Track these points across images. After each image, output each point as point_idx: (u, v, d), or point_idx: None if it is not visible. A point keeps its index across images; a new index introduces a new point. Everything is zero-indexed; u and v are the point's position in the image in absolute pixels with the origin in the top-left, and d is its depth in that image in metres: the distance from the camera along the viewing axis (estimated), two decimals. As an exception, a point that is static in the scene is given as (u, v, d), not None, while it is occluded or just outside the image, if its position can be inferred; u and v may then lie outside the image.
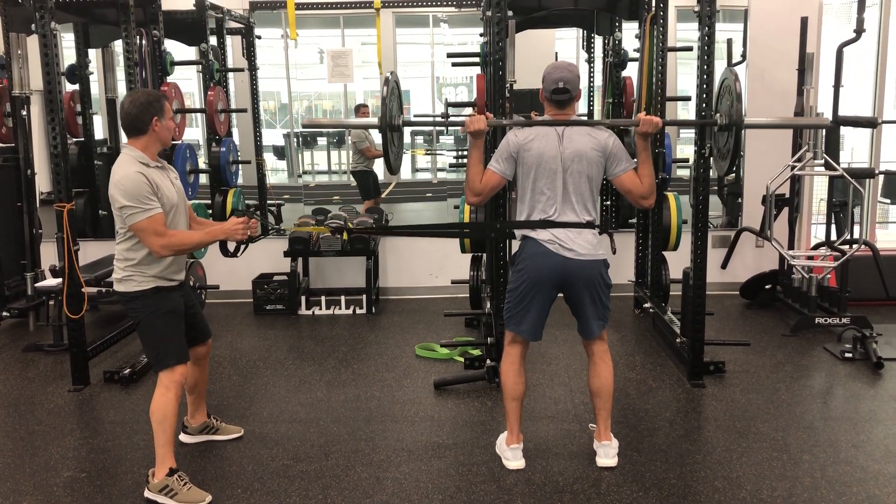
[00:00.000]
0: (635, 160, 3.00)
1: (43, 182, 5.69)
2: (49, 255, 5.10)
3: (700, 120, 3.92)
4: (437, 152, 8.51)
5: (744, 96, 3.33)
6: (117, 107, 6.40)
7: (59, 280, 4.11)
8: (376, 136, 7.48)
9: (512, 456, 3.09)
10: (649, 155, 2.97)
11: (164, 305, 2.91)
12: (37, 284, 4.98)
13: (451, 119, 3.53)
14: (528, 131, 2.96)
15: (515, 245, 3.10)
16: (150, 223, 2.77)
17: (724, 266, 5.44)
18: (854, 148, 7.36)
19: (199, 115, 7.08)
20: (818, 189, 6.05)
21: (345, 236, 3.27)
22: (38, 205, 5.30)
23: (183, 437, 3.33)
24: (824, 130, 4.83)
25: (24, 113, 4.99)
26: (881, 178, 6.42)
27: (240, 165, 6.32)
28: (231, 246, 3.03)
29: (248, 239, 3.01)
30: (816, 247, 5.27)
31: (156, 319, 2.90)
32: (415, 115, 5.94)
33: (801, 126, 4.99)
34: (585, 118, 3.03)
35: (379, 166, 7.48)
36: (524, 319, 3.00)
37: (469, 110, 7.58)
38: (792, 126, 5.02)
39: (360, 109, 7.52)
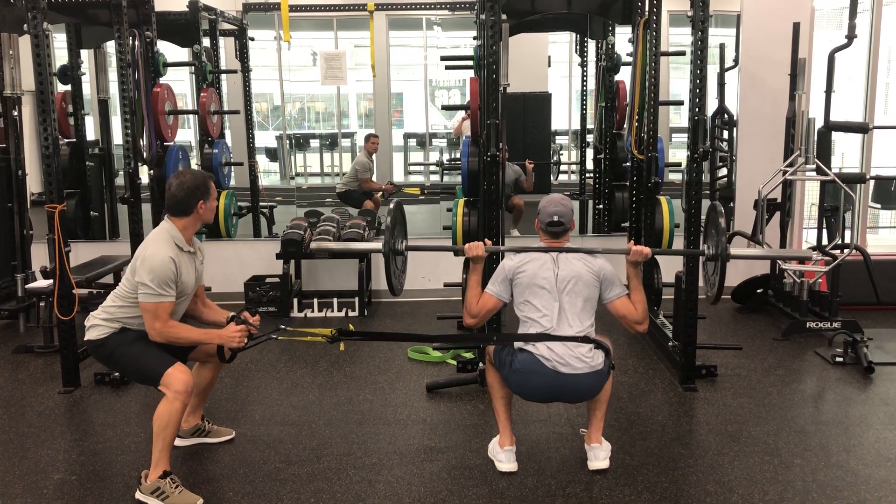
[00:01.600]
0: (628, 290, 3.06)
1: (34, 183, 5.66)
2: (40, 256, 5.06)
3: (687, 251, 3.98)
4: (431, 192, 8.45)
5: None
6: (109, 108, 6.39)
7: (50, 281, 4.08)
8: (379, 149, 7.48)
9: (505, 458, 3.09)
10: (640, 281, 3.08)
11: (130, 336, 2.94)
12: (27, 286, 4.95)
13: (449, 247, 3.59)
14: (524, 256, 3.06)
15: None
16: (156, 308, 2.84)
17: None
18: (845, 153, 7.41)
19: (191, 116, 7.07)
20: (810, 194, 6.08)
21: (342, 347, 3.37)
22: (28, 206, 5.27)
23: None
24: (816, 135, 4.86)
25: (16, 113, 4.96)
26: (872, 183, 6.45)
27: (232, 167, 6.32)
28: (229, 349, 3.07)
29: (249, 338, 3.01)
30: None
31: (125, 349, 2.93)
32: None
33: (785, 258, 4.98)
34: (579, 246, 3.13)
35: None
36: (511, 386, 3.05)
37: (462, 114, 7.62)
38: (777, 258, 5.05)
39: (370, 139, 7.37)
